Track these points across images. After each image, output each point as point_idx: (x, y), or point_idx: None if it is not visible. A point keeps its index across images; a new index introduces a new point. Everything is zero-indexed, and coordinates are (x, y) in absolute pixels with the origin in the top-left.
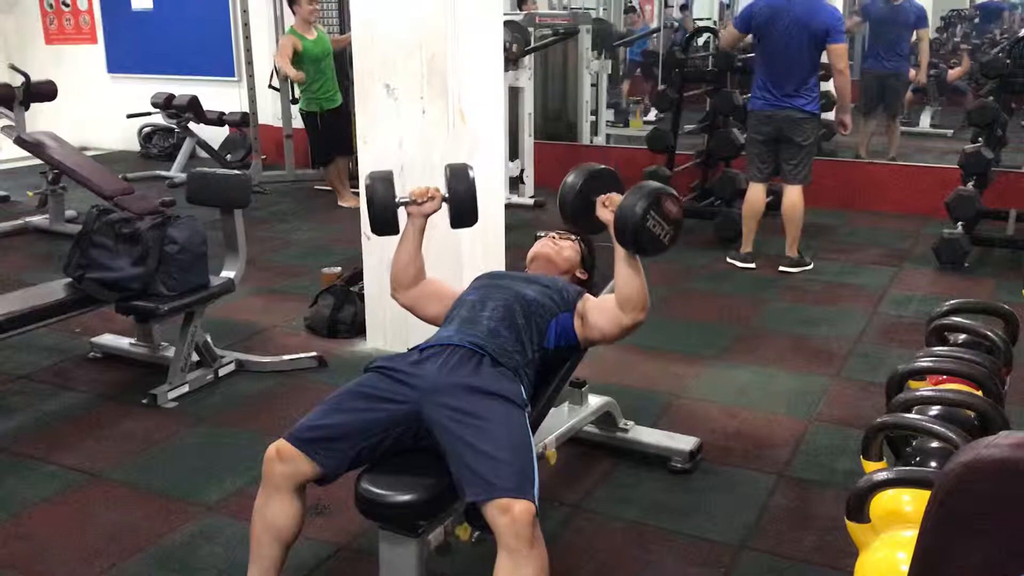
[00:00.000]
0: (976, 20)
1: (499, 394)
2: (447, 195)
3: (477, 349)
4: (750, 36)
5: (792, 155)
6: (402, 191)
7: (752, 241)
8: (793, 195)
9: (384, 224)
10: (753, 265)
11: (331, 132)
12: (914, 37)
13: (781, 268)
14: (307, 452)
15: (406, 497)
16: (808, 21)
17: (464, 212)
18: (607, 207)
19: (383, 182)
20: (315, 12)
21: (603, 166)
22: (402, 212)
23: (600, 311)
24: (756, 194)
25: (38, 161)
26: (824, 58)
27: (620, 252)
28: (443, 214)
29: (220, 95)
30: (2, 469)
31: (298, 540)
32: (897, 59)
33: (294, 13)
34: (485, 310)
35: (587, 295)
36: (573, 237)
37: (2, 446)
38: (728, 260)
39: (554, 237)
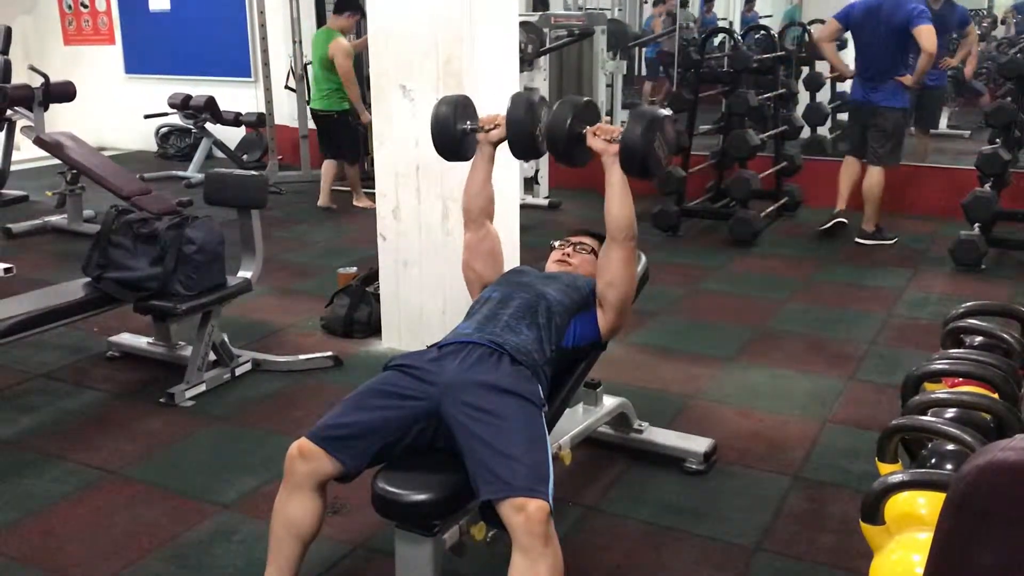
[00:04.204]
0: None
1: (517, 392)
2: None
3: (496, 347)
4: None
5: (875, 139)
6: (415, 190)
7: (845, 199)
8: (873, 175)
9: (450, 149)
10: (845, 220)
11: (342, 133)
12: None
13: (857, 239)
14: (329, 450)
15: (422, 496)
16: (892, 17)
17: (524, 140)
18: (599, 136)
19: (450, 105)
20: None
21: (585, 98)
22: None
23: (604, 264)
24: (847, 164)
25: (57, 161)
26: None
27: (615, 176)
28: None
29: (237, 96)
30: (22, 466)
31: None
32: (938, 71)
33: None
34: (507, 308)
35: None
36: (588, 245)
37: (22, 444)
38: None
39: (568, 253)
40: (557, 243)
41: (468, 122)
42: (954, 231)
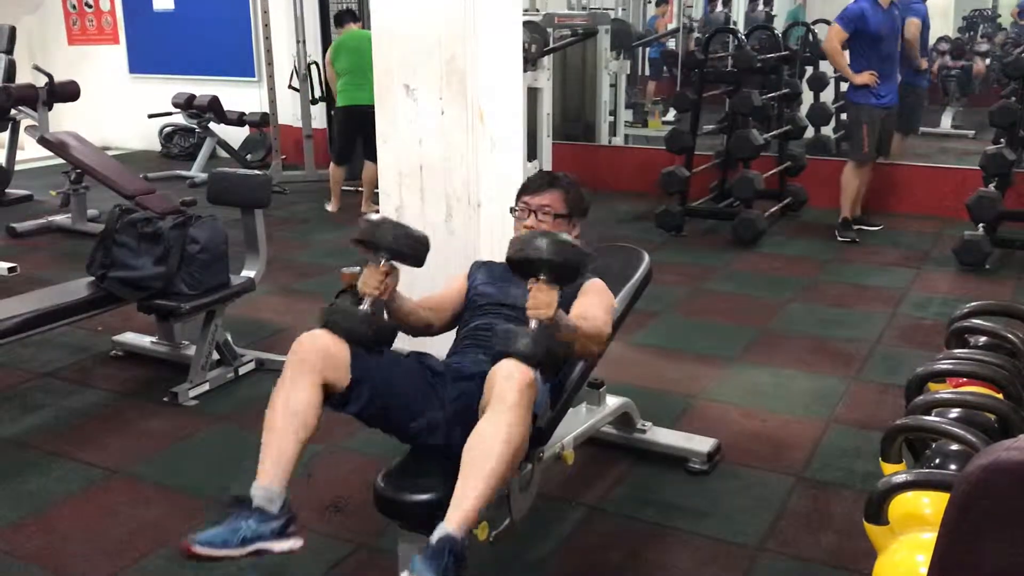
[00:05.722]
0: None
1: None
2: (394, 258)
3: None
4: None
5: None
6: (418, 189)
7: (850, 207)
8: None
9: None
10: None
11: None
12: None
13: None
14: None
15: (425, 496)
16: None
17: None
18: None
19: (351, 316)
20: None
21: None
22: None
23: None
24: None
25: (61, 161)
26: (863, 53)
27: None
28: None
29: (240, 95)
30: (26, 465)
31: (315, 538)
32: (910, 72)
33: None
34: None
35: (585, 289)
36: (551, 208)
37: (26, 443)
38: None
39: (529, 226)
40: (517, 207)
41: (363, 301)
42: (958, 231)
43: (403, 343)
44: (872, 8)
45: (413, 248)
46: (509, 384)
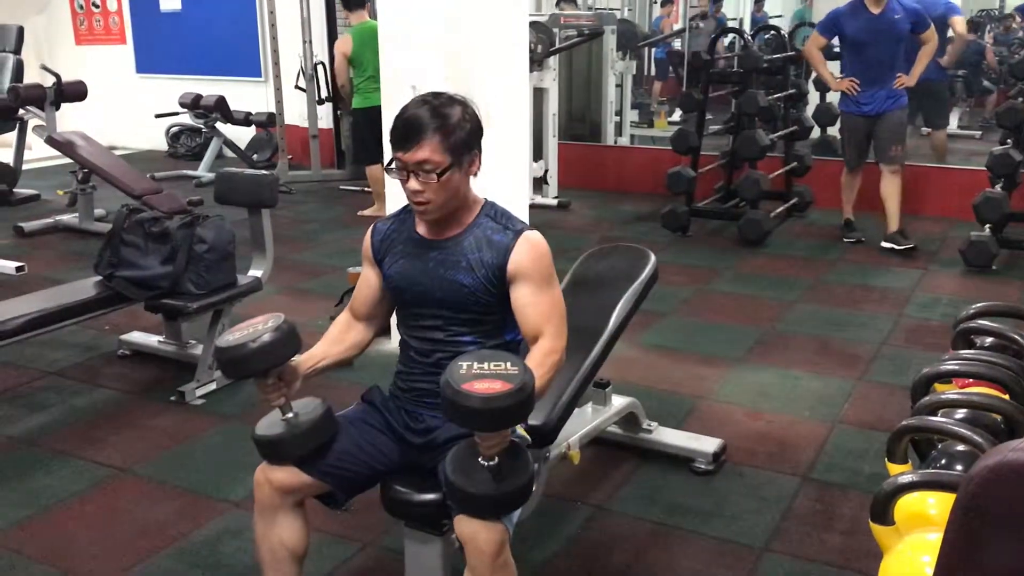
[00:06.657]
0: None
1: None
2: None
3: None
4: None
5: None
6: None
7: (889, 213)
8: None
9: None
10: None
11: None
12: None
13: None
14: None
15: (432, 496)
16: None
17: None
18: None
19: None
20: None
21: None
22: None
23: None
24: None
25: (68, 160)
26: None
27: None
28: None
29: (247, 95)
30: (33, 464)
31: (322, 537)
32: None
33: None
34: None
35: (521, 268)
36: (432, 162)
37: (33, 441)
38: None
39: (414, 191)
40: (394, 165)
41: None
42: (965, 232)
43: None
44: (852, 14)
45: (277, 355)
46: (483, 561)
